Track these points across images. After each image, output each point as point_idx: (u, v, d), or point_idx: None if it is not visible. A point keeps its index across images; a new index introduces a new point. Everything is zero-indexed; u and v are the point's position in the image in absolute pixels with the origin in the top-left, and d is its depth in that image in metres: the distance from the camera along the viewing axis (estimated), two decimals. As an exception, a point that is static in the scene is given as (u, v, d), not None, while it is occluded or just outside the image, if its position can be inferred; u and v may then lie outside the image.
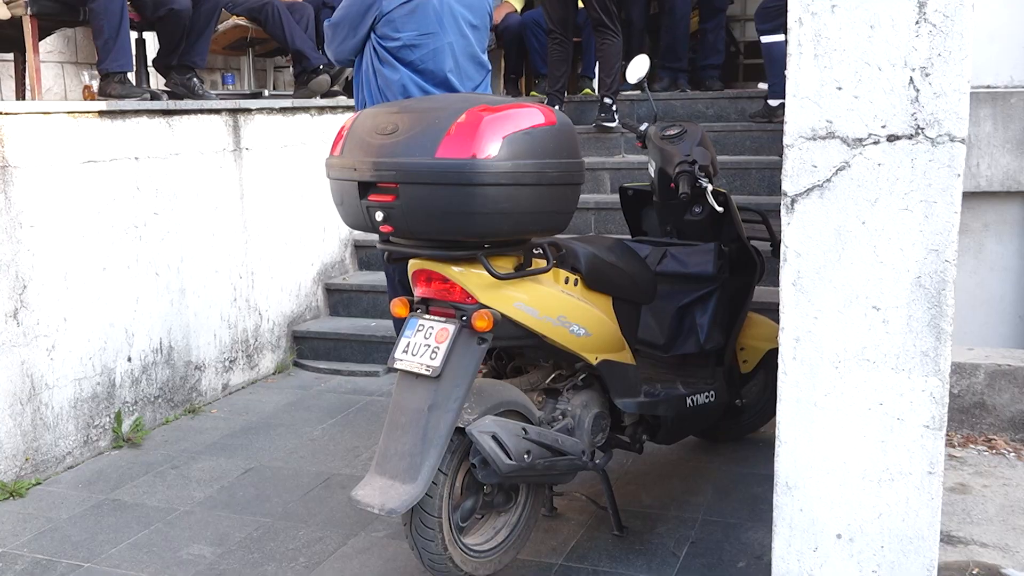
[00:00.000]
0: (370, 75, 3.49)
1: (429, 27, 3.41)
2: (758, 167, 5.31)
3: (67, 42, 5.32)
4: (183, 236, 4.35)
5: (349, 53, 3.56)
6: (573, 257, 2.86)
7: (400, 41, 3.41)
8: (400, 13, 3.38)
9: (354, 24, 3.46)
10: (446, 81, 3.47)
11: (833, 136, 2.08)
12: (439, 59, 3.44)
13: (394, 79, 3.43)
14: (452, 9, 3.44)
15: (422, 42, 3.42)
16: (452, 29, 3.45)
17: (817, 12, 2.07)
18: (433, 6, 3.40)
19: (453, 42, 3.46)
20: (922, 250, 2.03)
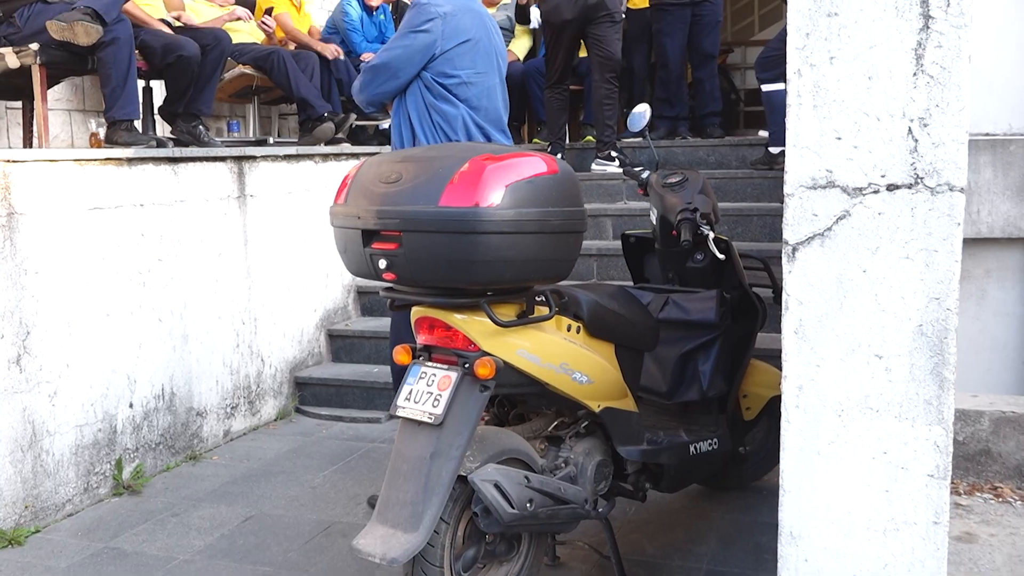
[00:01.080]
0: (422, 110, 3.54)
1: (483, 66, 3.56)
2: (759, 214, 5.33)
3: (75, 90, 5.39)
4: (187, 282, 4.37)
5: (387, 96, 3.62)
6: (575, 304, 2.87)
7: (459, 78, 3.51)
8: (458, 52, 3.50)
9: (405, 64, 3.51)
10: (499, 119, 3.61)
11: (833, 185, 2.10)
12: (492, 96, 3.59)
13: (453, 114, 3.52)
14: (496, 51, 3.61)
15: (478, 80, 3.55)
16: (496, 69, 3.61)
17: (816, 64, 2.09)
18: (484, 46, 3.55)
19: (500, 82, 3.65)
20: (923, 298, 2.04)
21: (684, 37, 6.53)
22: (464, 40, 3.49)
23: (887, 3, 2.03)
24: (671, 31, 6.51)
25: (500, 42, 3.68)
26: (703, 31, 6.50)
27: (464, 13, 3.50)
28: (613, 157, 6.05)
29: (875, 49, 2.05)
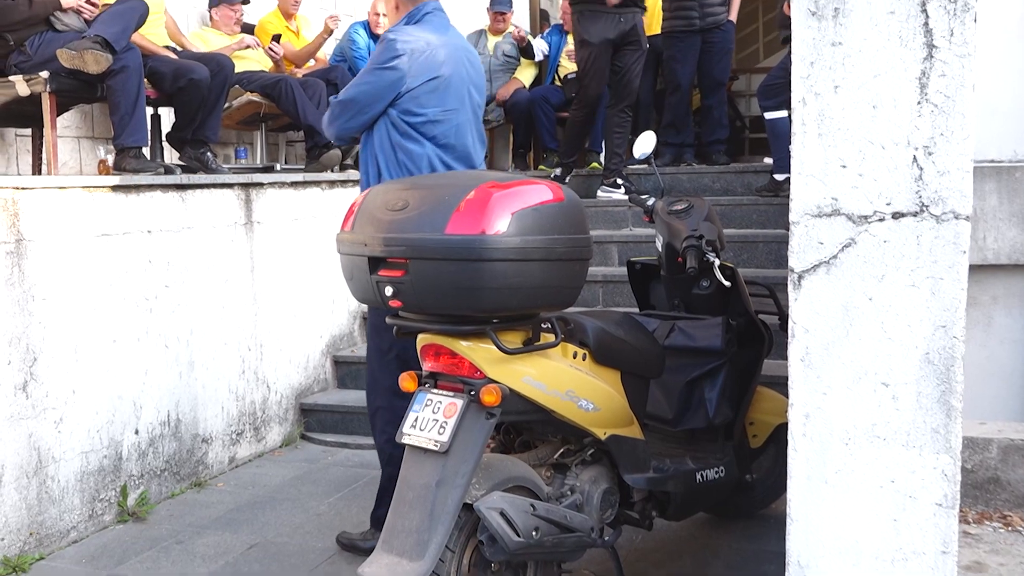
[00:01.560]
0: (387, 148, 3.43)
1: (452, 104, 3.43)
2: (765, 240, 5.34)
3: (84, 117, 5.42)
4: (193, 309, 4.38)
5: (355, 131, 3.51)
6: (581, 332, 2.87)
7: (425, 116, 3.39)
8: (424, 90, 3.37)
9: (371, 101, 3.40)
10: (469, 156, 3.50)
11: (839, 213, 2.11)
12: (461, 134, 3.47)
13: (419, 152, 3.40)
14: (468, 88, 3.50)
15: (446, 118, 3.42)
16: (468, 106, 3.50)
17: (820, 92, 2.10)
18: (454, 84, 3.43)
19: (471, 119, 3.52)
20: (930, 326, 2.04)
21: (694, 64, 6.57)
22: (432, 77, 3.38)
23: (891, 32, 2.05)
24: (682, 58, 6.55)
25: (476, 73, 3.57)
26: (713, 58, 6.53)
27: (434, 49, 3.39)
28: (619, 184, 6.07)
29: (879, 78, 2.06)
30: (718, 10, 6.40)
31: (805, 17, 2.11)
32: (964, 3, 2.00)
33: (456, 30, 3.59)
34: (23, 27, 4.43)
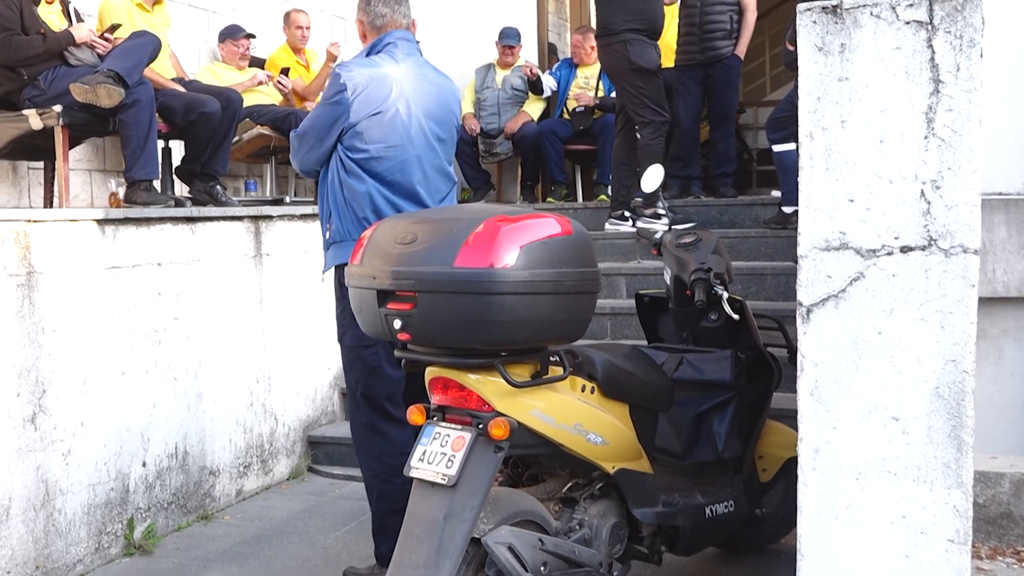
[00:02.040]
0: (336, 186, 3.38)
1: (397, 139, 3.33)
2: (773, 273, 5.34)
3: (95, 151, 5.47)
4: (202, 341, 4.39)
5: (315, 164, 3.45)
6: (590, 365, 2.87)
7: (368, 153, 3.31)
8: (368, 125, 3.29)
9: (320, 135, 3.35)
10: (414, 193, 3.39)
11: (847, 247, 2.11)
12: (407, 171, 3.36)
13: (361, 190, 3.33)
14: (420, 122, 3.38)
15: (389, 154, 3.33)
16: (420, 141, 3.38)
17: (827, 127, 2.12)
18: (401, 119, 3.33)
19: (421, 154, 3.39)
20: (939, 360, 2.04)
21: (699, 97, 6.59)
22: (375, 112, 3.28)
23: (897, 68, 2.06)
24: (685, 92, 6.58)
25: (437, 104, 3.44)
26: (716, 92, 6.56)
27: (380, 82, 3.29)
28: (626, 217, 6.07)
29: (886, 113, 2.07)
30: (720, 44, 6.43)
31: (812, 53, 2.12)
32: (970, 39, 2.02)
33: (420, 60, 3.50)
34: (37, 62, 4.48)
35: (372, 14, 3.44)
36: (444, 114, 3.48)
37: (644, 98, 5.84)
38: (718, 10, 6.40)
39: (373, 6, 3.43)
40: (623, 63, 5.81)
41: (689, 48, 6.49)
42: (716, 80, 6.51)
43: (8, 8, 4.42)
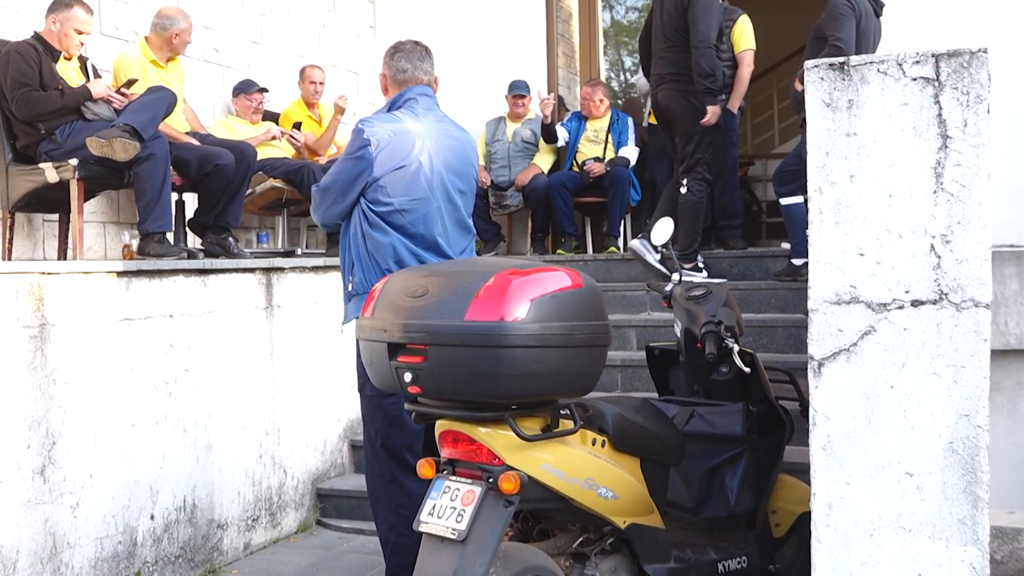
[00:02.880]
0: (359, 239, 3.42)
1: (420, 193, 3.38)
2: (784, 325, 5.32)
3: (110, 203, 5.53)
4: (212, 392, 4.39)
5: (336, 218, 3.51)
6: (600, 418, 2.86)
7: (391, 206, 3.36)
8: (391, 179, 3.35)
9: (344, 190, 3.41)
10: (436, 245, 3.43)
11: (857, 301, 2.11)
12: (429, 223, 3.41)
13: (384, 242, 3.37)
14: (442, 176, 3.43)
15: (413, 207, 3.38)
16: (441, 195, 3.43)
17: (836, 182, 2.13)
18: (424, 172, 3.38)
19: (442, 207, 3.44)
20: (953, 415, 2.02)
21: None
22: (398, 167, 3.34)
23: (905, 123, 2.08)
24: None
25: (457, 158, 3.50)
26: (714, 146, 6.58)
27: (402, 137, 3.35)
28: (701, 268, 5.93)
29: (895, 167, 2.09)
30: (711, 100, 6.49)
31: (820, 108, 2.14)
32: (977, 95, 2.04)
33: (440, 115, 3.55)
34: (55, 117, 4.55)
35: (395, 68, 3.51)
36: (464, 167, 3.53)
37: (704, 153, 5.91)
38: None
39: (396, 61, 3.51)
40: (696, 115, 5.81)
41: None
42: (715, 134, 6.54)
43: (27, 64, 4.50)
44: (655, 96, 6.04)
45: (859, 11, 5.17)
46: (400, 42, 3.58)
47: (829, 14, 5.20)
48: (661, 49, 5.87)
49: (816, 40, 5.23)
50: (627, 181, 7.01)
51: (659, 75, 5.93)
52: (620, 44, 11.00)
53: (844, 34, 5.06)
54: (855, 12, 5.15)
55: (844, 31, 5.07)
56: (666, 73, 5.85)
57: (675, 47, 5.76)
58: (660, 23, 5.87)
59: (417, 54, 3.52)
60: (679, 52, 5.73)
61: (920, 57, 2.07)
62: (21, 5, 5.00)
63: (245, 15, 6.62)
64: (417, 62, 3.51)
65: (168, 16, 5.27)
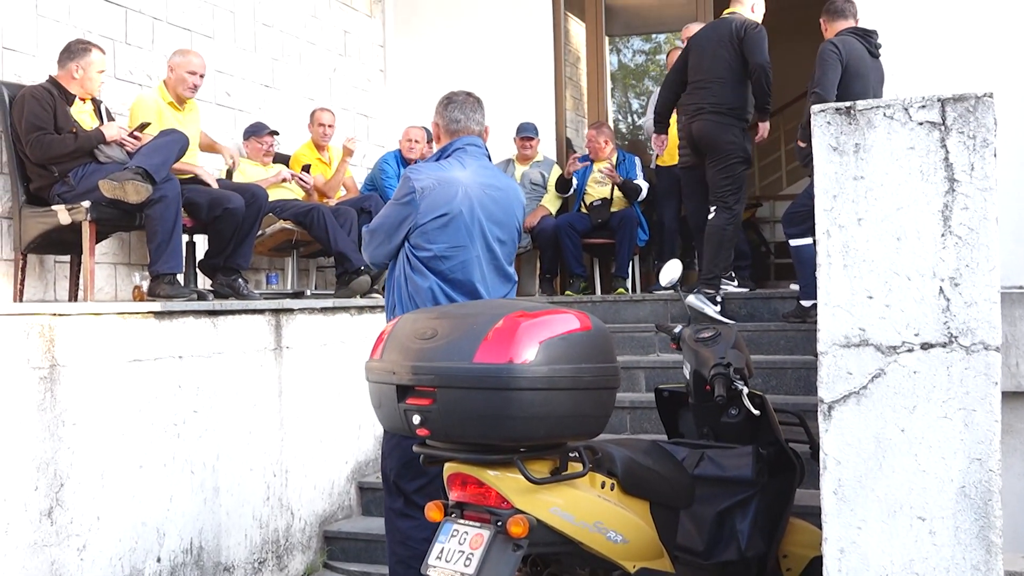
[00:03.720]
0: (401, 281, 3.57)
1: (460, 240, 3.50)
2: (793, 367, 5.30)
3: (121, 244, 5.57)
4: (220, 434, 4.38)
5: (384, 258, 3.66)
6: (609, 461, 2.85)
7: (432, 252, 3.50)
8: (433, 226, 3.48)
9: (389, 233, 3.56)
10: (474, 291, 3.55)
11: (867, 344, 2.11)
12: (468, 270, 3.52)
13: (424, 286, 3.50)
14: (482, 224, 3.54)
15: (453, 254, 3.51)
16: (480, 243, 3.54)
17: (844, 225, 2.14)
18: (464, 221, 3.50)
19: (481, 255, 3.55)
20: (964, 459, 2.01)
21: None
22: (440, 215, 3.47)
23: (912, 167, 2.09)
24: (689, 192, 6.68)
25: (500, 208, 3.61)
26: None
27: (446, 186, 3.49)
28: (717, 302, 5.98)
29: (902, 211, 2.09)
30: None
31: (827, 152, 2.16)
32: (983, 139, 2.05)
33: (487, 165, 3.70)
34: (68, 160, 4.61)
35: (448, 119, 3.65)
36: (506, 218, 3.64)
37: (736, 184, 6.04)
38: None
39: (449, 111, 3.65)
40: (735, 147, 5.99)
41: (684, 151, 6.62)
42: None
43: (42, 108, 4.57)
44: (689, 127, 6.17)
45: (844, 56, 5.21)
46: (453, 93, 3.73)
47: (816, 61, 5.26)
48: (701, 83, 6.06)
49: None
50: (635, 222, 7.05)
51: (697, 106, 6.08)
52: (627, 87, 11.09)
53: (825, 81, 5.13)
54: (840, 57, 5.19)
55: (825, 78, 5.13)
56: (706, 104, 6.02)
57: (719, 80, 5.97)
58: (701, 60, 6.09)
59: (469, 105, 3.66)
60: (722, 86, 5.96)
61: (926, 102, 2.09)
62: (37, 51, 5.08)
63: (257, 59, 6.71)
64: (469, 113, 3.65)
65: (179, 53, 5.38)
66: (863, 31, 5.43)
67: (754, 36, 5.88)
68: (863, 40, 5.36)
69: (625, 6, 9.02)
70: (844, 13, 5.49)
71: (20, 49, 5.00)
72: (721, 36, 6.02)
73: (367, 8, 8.07)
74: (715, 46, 6.01)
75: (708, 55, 6.03)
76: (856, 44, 5.30)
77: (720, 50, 5.98)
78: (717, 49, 5.99)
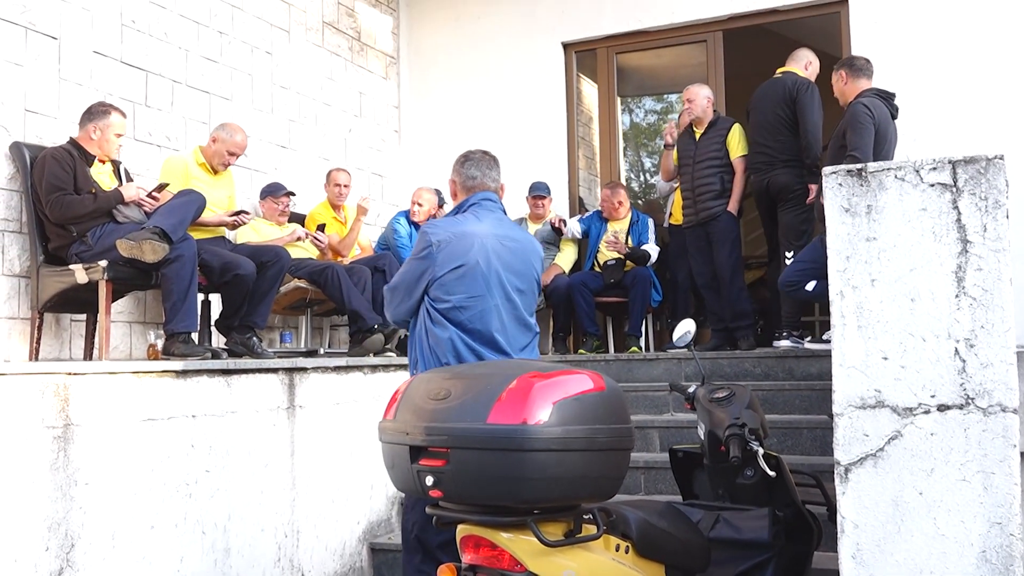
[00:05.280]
0: (423, 335, 3.63)
1: (477, 290, 3.57)
2: (809, 427, 5.26)
3: (136, 303, 5.60)
4: (232, 494, 4.36)
5: (405, 315, 3.73)
6: (624, 523, 2.81)
7: (450, 303, 3.57)
8: (451, 277, 3.56)
9: (410, 288, 3.64)
10: (493, 340, 3.60)
11: (883, 405, 2.09)
12: (486, 320, 3.58)
13: (444, 337, 3.56)
14: (499, 274, 3.61)
15: (471, 304, 3.57)
16: (498, 293, 3.61)
17: (858, 286, 2.14)
18: (481, 271, 3.57)
19: (499, 304, 3.61)
20: (984, 523, 1.98)
21: (707, 255, 6.71)
22: (458, 266, 3.56)
23: (924, 228, 2.10)
24: (694, 251, 6.77)
25: (516, 258, 3.68)
26: (715, 248, 6.67)
27: (462, 238, 3.58)
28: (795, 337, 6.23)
29: (916, 272, 2.10)
30: (712, 204, 6.62)
31: (839, 213, 2.17)
32: (995, 200, 2.06)
33: (502, 218, 3.78)
34: (87, 220, 4.67)
35: (464, 176, 3.78)
36: (523, 268, 3.71)
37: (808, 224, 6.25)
38: (707, 173, 6.66)
39: (466, 168, 3.78)
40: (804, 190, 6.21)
41: (687, 211, 6.73)
42: (713, 235, 6.64)
43: (62, 169, 4.64)
44: (762, 182, 6.45)
45: (877, 119, 5.26)
46: (470, 151, 3.85)
47: (849, 123, 5.29)
48: (766, 139, 6.40)
49: (839, 148, 5.31)
50: (648, 281, 7.05)
51: (769, 161, 6.38)
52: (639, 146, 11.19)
53: (862, 144, 5.16)
54: (874, 120, 5.24)
55: (863, 141, 5.17)
56: (777, 157, 6.34)
57: (783, 137, 6.30)
58: (762, 119, 6.44)
59: (486, 163, 3.79)
60: (787, 139, 6.30)
61: (937, 163, 2.10)
62: (59, 113, 5.17)
63: (274, 120, 6.81)
64: (485, 170, 3.78)
65: (225, 129, 5.56)
66: (886, 93, 5.49)
67: (805, 98, 6.18)
68: (886, 102, 5.42)
69: (637, 67, 9.13)
70: (866, 72, 5.57)
71: (43, 111, 5.10)
72: (776, 96, 6.36)
73: (382, 70, 8.21)
74: (772, 106, 6.36)
75: (769, 114, 6.38)
76: (882, 106, 5.36)
77: (777, 110, 6.33)
78: (775, 109, 6.34)
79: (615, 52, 8.03)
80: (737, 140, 6.65)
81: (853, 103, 5.35)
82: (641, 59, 8.64)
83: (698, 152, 6.72)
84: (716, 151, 6.66)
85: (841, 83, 5.64)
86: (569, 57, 8.06)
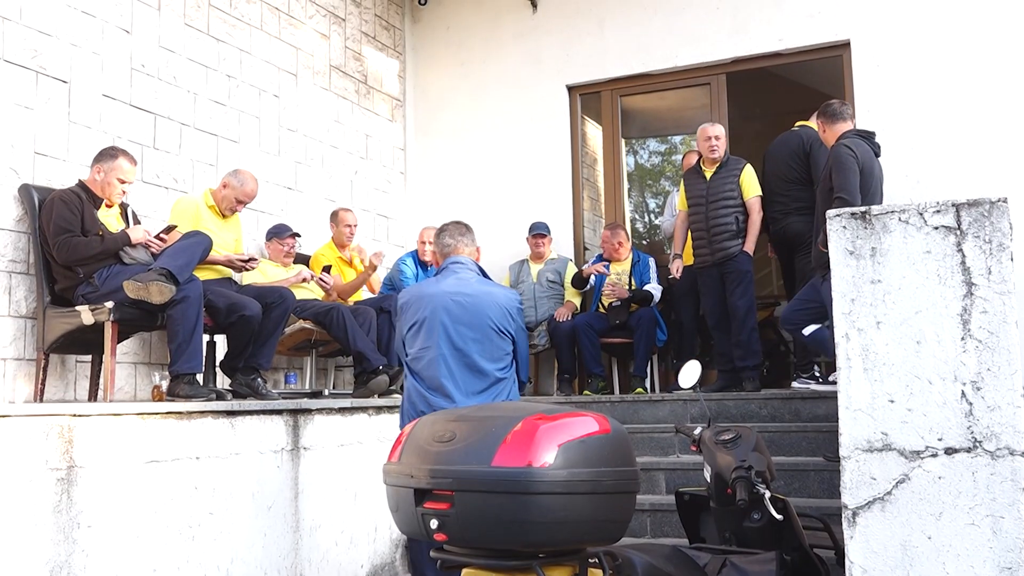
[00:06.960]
0: (406, 384, 4.22)
1: (427, 342, 4.11)
2: (816, 469, 5.22)
3: (141, 344, 5.61)
4: (235, 536, 4.33)
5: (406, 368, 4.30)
6: (630, 567, 2.78)
7: (410, 355, 4.17)
8: (411, 333, 4.18)
9: (399, 346, 4.30)
10: (441, 386, 4.07)
11: (890, 448, 2.08)
12: (433, 367, 4.09)
13: (409, 386, 4.17)
14: (446, 327, 4.07)
15: (423, 355, 4.13)
16: (444, 343, 4.07)
17: (863, 328, 2.14)
18: (429, 324, 4.10)
19: (446, 353, 4.07)
20: (994, 568, 1.96)
21: (719, 295, 6.69)
22: (412, 323, 4.15)
23: (929, 271, 2.10)
24: (706, 290, 6.73)
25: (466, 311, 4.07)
26: (729, 288, 6.65)
27: (418, 300, 4.15)
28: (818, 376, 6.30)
29: (921, 314, 2.10)
30: (728, 244, 6.61)
31: (843, 256, 2.17)
32: (1000, 243, 2.06)
33: (462, 277, 4.18)
34: (94, 261, 4.68)
35: (441, 244, 4.34)
36: (475, 319, 4.10)
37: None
38: (722, 213, 6.63)
39: (441, 238, 4.34)
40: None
41: (701, 251, 6.71)
42: (728, 276, 6.63)
43: (70, 211, 4.67)
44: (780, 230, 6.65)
45: (861, 159, 5.26)
46: (446, 224, 4.40)
47: (834, 166, 5.28)
48: (783, 189, 6.62)
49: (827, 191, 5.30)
50: (653, 322, 7.05)
51: (784, 210, 6.60)
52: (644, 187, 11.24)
53: (848, 185, 5.15)
54: (857, 160, 5.23)
55: (848, 182, 5.15)
56: (793, 207, 6.54)
57: (799, 184, 6.52)
58: (776, 169, 6.70)
59: (459, 231, 4.33)
60: (801, 188, 6.49)
61: (941, 206, 2.11)
62: (68, 155, 5.22)
63: (281, 163, 6.86)
64: (458, 237, 4.31)
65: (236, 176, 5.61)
66: (866, 132, 5.52)
67: (818, 153, 6.34)
68: (868, 141, 5.44)
69: (642, 109, 9.21)
70: (843, 115, 5.58)
71: (52, 154, 5.15)
72: (791, 149, 6.61)
73: (388, 113, 8.28)
74: (787, 158, 6.62)
75: (783, 165, 6.63)
76: (864, 145, 5.37)
77: (791, 161, 6.58)
78: (789, 160, 6.60)
79: (619, 95, 8.10)
80: (750, 180, 6.66)
81: (835, 146, 5.35)
82: (645, 101, 8.70)
83: (710, 192, 6.72)
84: (730, 191, 6.65)
85: (821, 131, 5.67)
86: (574, 100, 8.13)
